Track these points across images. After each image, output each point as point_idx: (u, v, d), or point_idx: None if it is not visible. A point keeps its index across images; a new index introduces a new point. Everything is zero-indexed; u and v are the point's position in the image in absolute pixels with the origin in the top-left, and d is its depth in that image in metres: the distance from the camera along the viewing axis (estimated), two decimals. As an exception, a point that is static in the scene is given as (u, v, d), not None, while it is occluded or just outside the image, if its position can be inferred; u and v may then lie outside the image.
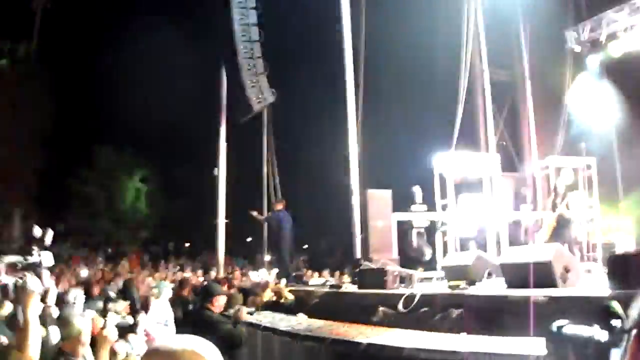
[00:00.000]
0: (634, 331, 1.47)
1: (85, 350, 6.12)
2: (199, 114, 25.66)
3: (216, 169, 22.33)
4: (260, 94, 21.26)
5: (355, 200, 16.16)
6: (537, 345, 5.63)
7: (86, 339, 6.07)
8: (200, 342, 2.18)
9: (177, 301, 14.82)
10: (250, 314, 11.53)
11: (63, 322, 6.09)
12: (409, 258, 16.02)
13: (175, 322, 13.64)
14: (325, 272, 23.64)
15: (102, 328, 5.73)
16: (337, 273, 22.50)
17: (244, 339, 8.78)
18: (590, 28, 19.86)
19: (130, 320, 10.92)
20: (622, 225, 18.58)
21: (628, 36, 18.93)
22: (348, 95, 17.10)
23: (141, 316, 12.04)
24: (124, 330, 8.57)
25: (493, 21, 19.93)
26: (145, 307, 15.47)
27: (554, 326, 3.20)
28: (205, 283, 16.62)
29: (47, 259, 5.08)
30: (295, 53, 23.29)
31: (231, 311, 9.52)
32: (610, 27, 19.32)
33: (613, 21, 19.17)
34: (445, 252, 16.21)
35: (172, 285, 16.70)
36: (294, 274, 18.32)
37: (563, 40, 20.52)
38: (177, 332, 12.43)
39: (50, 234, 5.65)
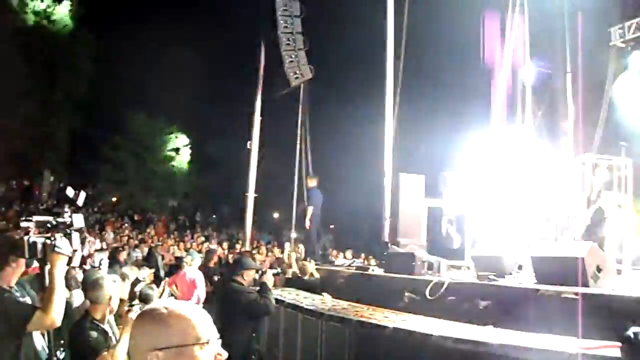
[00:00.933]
0: None
1: (110, 317, 6.08)
2: (236, 87, 25.61)
3: (249, 142, 22.30)
4: (298, 70, 21.19)
5: (387, 183, 16.10)
6: (568, 342, 5.52)
7: (115, 304, 6.02)
8: (188, 306, 2.32)
9: (203, 271, 14.86)
10: (276, 274, 11.50)
11: (94, 285, 6.04)
12: (438, 245, 15.92)
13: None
14: (348, 253, 23.59)
15: (128, 311, 5.62)
16: (363, 255, 22.44)
17: (270, 307, 8.70)
18: (637, 26, 19.62)
19: (155, 288, 10.93)
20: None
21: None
22: (387, 77, 17.02)
23: (165, 283, 12.09)
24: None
25: (537, 11, 19.73)
26: (171, 274, 15.60)
27: (631, 332, 3.11)
28: (237, 256, 16.63)
29: (78, 220, 5.06)
30: (336, 31, 23.13)
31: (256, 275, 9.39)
32: (657, 27, 19.15)
33: (661, 21, 19.00)
34: (476, 240, 16.11)
35: (202, 254, 16.71)
36: (320, 252, 18.30)
37: (607, 37, 20.29)
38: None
39: (82, 195, 5.62)
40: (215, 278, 14.83)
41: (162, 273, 17.07)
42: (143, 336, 2.25)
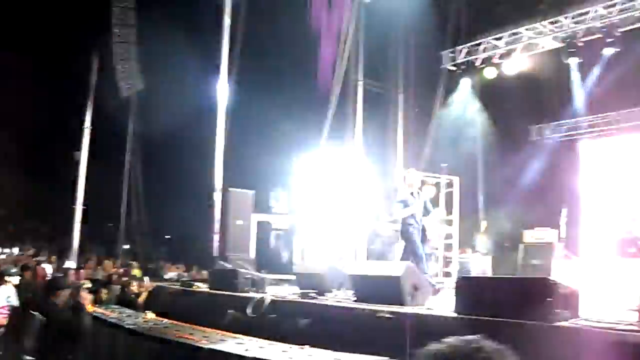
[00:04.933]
0: None
1: None
2: (66, 96, 24.89)
3: (78, 152, 21.73)
4: (130, 80, 20.80)
5: (217, 198, 16.05)
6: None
7: None
8: None
9: (21, 286, 14.23)
10: (92, 291, 11.19)
11: None
12: (266, 259, 15.99)
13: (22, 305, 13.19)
14: (181, 266, 23.32)
15: None
16: (195, 268, 22.24)
17: (85, 327, 8.42)
18: (467, 51, 20.38)
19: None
20: (480, 244, 19.14)
21: (503, 62, 19.56)
22: (219, 92, 16.97)
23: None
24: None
25: (373, 33, 20.14)
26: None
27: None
28: (50, 276, 16.01)
29: None
30: (170, 42, 22.82)
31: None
32: (487, 52, 19.90)
33: (491, 47, 19.77)
34: (303, 256, 16.29)
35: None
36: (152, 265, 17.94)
37: (439, 60, 20.97)
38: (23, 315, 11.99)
39: None
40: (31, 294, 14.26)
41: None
42: None
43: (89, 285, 14.09)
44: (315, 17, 18.87)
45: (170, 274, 19.53)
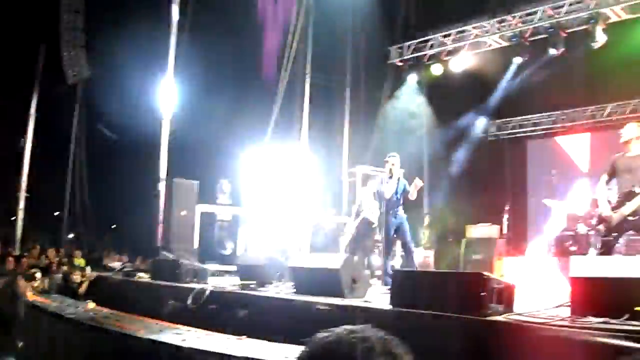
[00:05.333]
0: None
1: None
2: (11, 82, 24.48)
3: (22, 139, 21.49)
4: (77, 67, 20.60)
5: (161, 187, 16.00)
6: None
7: None
8: None
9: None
10: (29, 278, 11.11)
11: None
12: (210, 251, 16.01)
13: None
14: (124, 256, 23.17)
15: None
16: (139, 258, 22.14)
17: (19, 315, 8.36)
18: (415, 47, 20.52)
19: None
20: (423, 238, 19.33)
21: (450, 59, 19.73)
22: (167, 83, 16.90)
23: None
24: None
25: (321, 26, 20.20)
26: None
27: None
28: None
29: None
30: (118, 33, 22.60)
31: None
32: (434, 49, 20.07)
33: (438, 44, 19.94)
34: (247, 247, 16.32)
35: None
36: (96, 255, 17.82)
37: (387, 55, 21.09)
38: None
39: None
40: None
41: None
42: None
43: (38, 273, 14.01)
44: (262, 8, 18.90)
45: (114, 264, 19.39)
